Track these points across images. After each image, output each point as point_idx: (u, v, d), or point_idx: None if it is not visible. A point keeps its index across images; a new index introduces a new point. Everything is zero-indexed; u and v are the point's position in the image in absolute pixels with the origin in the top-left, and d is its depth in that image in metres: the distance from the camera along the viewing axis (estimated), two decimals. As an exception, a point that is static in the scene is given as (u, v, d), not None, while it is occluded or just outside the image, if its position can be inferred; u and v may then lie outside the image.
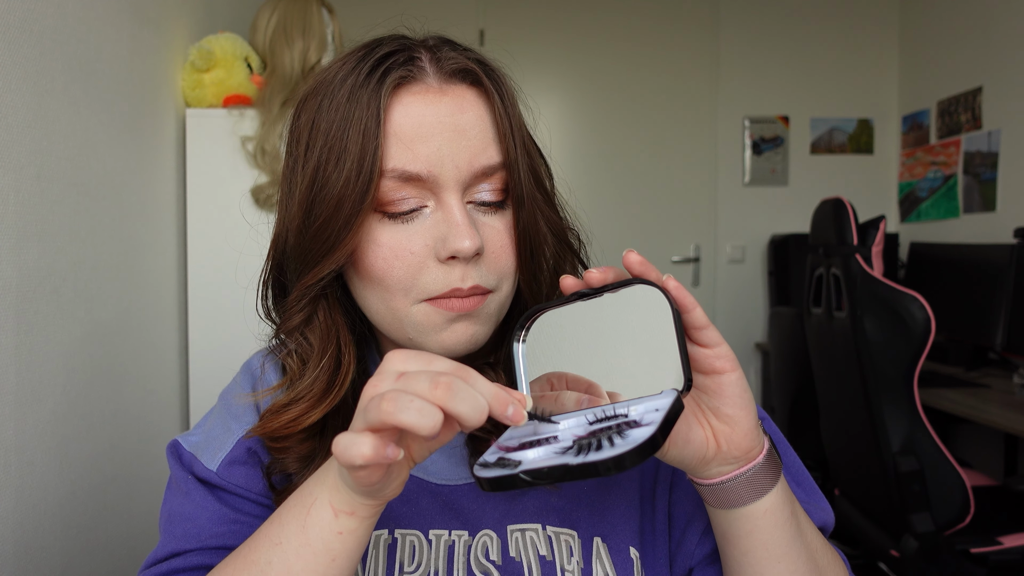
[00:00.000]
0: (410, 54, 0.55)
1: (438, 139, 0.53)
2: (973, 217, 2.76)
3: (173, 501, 0.61)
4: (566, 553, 0.59)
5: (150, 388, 1.35)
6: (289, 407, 0.56)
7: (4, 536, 0.88)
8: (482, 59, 0.57)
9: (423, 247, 0.54)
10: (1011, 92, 2.57)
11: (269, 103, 1.48)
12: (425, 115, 0.53)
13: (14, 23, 0.90)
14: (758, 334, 3.37)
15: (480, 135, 0.54)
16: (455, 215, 0.53)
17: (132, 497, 1.26)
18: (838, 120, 3.38)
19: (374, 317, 0.58)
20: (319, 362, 0.57)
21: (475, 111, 0.55)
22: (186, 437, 0.64)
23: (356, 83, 0.53)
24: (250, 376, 0.66)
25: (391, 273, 0.54)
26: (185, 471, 0.61)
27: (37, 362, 0.95)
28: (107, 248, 1.17)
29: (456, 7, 3.27)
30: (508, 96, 0.56)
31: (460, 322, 0.55)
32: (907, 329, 1.64)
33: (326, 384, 0.57)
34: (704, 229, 3.38)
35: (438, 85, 0.54)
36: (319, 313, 0.58)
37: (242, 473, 0.60)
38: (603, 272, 0.48)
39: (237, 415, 0.63)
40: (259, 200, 1.48)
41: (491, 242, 0.56)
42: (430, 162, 0.53)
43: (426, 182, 0.53)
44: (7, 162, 0.88)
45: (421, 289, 0.54)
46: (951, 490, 1.65)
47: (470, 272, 0.54)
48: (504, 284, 0.57)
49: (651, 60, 3.34)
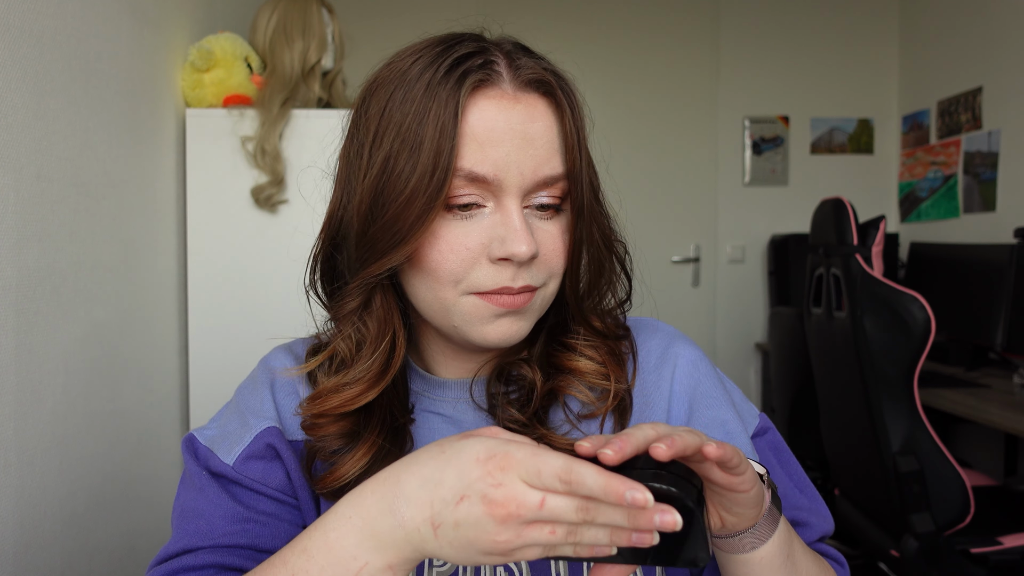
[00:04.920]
0: (488, 57, 0.56)
1: (507, 145, 0.54)
2: (973, 217, 2.76)
3: (186, 496, 0.61)
4: None
5: (150, 388, 1.35)
6: (347, 387, 0.58)
7: (4, 536, 0.88)
8: (555, 70, 0.59)
9: (479, 244, 0.55)
10: (1011, 92, 2.57)
11: (269, 103, 1.48)
12: (498, 120, 0.54)
13: (14, 23, 0.90)
14: (758, 334, 3.37)
15: (546, 145, 0.56)
16: (514, 220, 0.55)
17: (132, 496, 1.26)
18: (838, 120, 3.38)
19: (419, 304, 0.59)
20: (377, 346, 0.59)
21: (544, 121, 0.56)
22: (201, 431, 0.65)
23: (434, 79, 0.54)
24: (268, 372, 0.67)
25: (444, 266, 0.55)
26: (199, 466, 0.62)
27: (37, 362, 0.95)
28: (107, 248, 1.17)
29: (456, 7, 3.27)
30: (577, 109, 0.58)
31: (507, 317, 0.57)
32: (907, 329, 1.64)
33: (381, 367, 0.58)
34: (704, 229, 3.38)
35: (512, 92, 0.55)
36: (375, 299, 0.59)
37: (259, 468, 0.61)
38: (618, 448, 0.42)
39: (255, 410, 0.64)
40: (259, 200, 1.48)
41: (544, 245, 0.57)
42: (497, 166, 0.54)
43: (490, 184, 0.55)
44: (7, 162, 0.88)
45: (471, 283, 0.56)
46: (951, 490, 1.65)
47: (522, 273, 0.56)
48: (551, 282, 0.59)
49: (651, 60, 3.34)
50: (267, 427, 0.62)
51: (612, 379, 0.62)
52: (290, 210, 1.51)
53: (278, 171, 1.46)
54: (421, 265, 0.56)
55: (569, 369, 0.63)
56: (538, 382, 0.62)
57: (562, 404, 0.62)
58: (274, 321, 1.51)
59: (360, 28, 3.19)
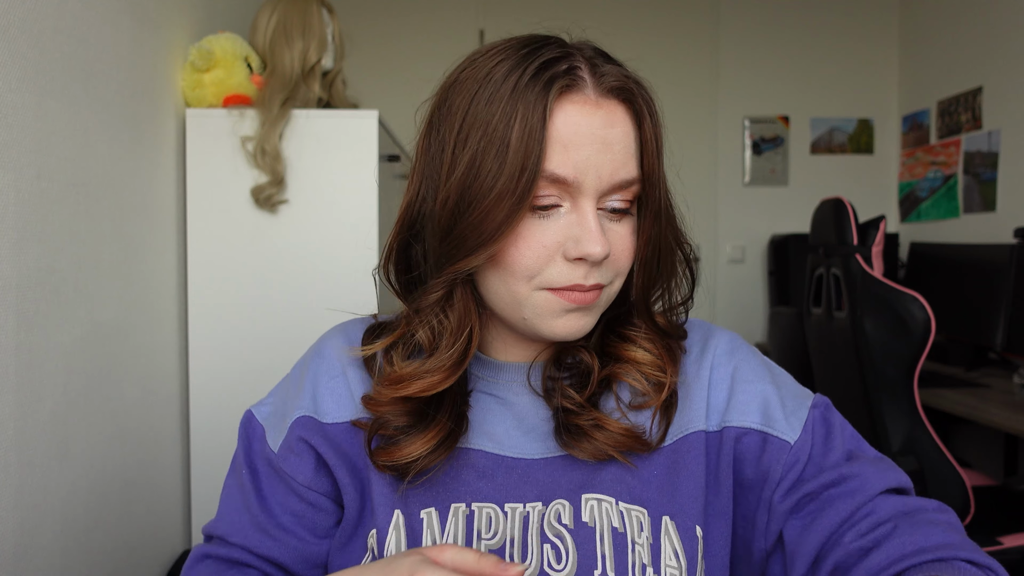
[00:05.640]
0: (572, 63, 0.58)
1: (588, 149, 0.56)
2: (973, 217, 2.76)
3: (233, 482, 0.69)
4: (636, 527, 0.62)
5: (150, 388, 1.35)
6: (429, 374, 0.61)
7: (4, 536, 0.88)
8: (636, 78, 0.61)
9: (554, 243, 0.58)
10: (1011, 92, 2.57)
11: (269, 103, 1.48)
12: (580, 124, 0.56)
13: (14, 23, 0.90)
14: (758, 334, 3.37)
15: (623, 150, 0.58)
16: (590, 221, 0.57)
17: (132, 497, 1.26)
18: (838, 120, 3.38)
19: (491, 297, 0.62)
20: (458, 337, 0.61)
21: (623, 127, 0.58)
22: (259, 408, 0.71)
23: (520, 81, 0.56)
24: (318, 355, 0.70)
25: (521, 262, 0.58)
26: (249, 457, 0.68)
27: (37, 362, 0.95)
28: (107, 248, 1.17)
29: (456, 7, 3.27)
30: (656, 116, 0.61)
31: (575, 312, 0.60)
32: (907, 329, 1.64)
33: (460, 357, 0.61)
34: (704, 229, 3.38)
35: (595, 98, 0.57)
36: (456, 292, 0.61)
37: (293, 463, 0.65)
38: None
39: (293, 396, 0.68)
40: (259, 200, 1.48)
41: (615, 246, 0.60)
42: (577, 169, 0.56)
43: (569, 186, 0.57)
44: (7, 162, 0.89)
45: (544, 279, 0.58)
46: (951, 490, 1.65)
47: (593, 272, 0.59)
48: (617, 281, 0.62)
49: (651, 60, 3.34)
50: (298, 417, 0.66)
51: (668, 372, 0.65)
52: (290, 210, 1.51)
53: (278, 171, 1.46)
54: (499, 261, 0.59)
55: (627, 359, 0.65)
56: (595, 367, 0.65)
57: (614, 393, 0.65)
58: (274, 321, 1.51)
59: (360, 28, 3.19)
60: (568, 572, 0.60)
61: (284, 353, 1.49)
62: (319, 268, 1.51)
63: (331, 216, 1.50)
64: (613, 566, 0.60)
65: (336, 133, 1.51)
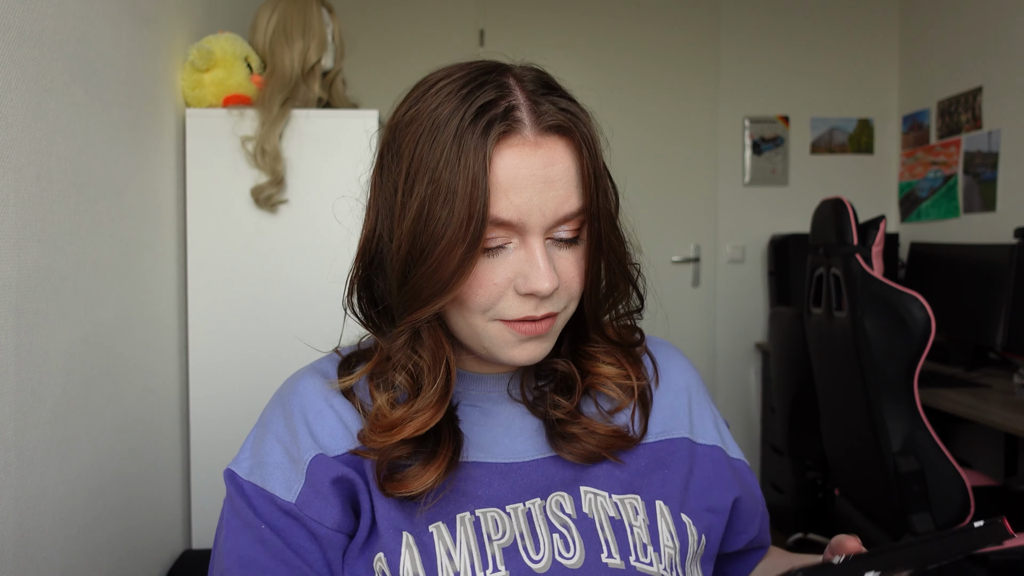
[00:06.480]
0: (510, 102, 0.58)
1: (529, 191, 0.58)
2: (973, 217, 2.76)
3: (242, 541, 0.63)
4: (631, 512, 0.66)
5: (150, 388, 1.35)
6: (419, 414, 0.62)
7: (4, 536, 0.88)
8: (573, 111, 0.62)
9: (505, 279, 0.60)
10: (1011, 92, 2.57)
11: (269, 103, 1.48)
12: (520, 168, 0.58)
13: (14, 23, 0.90)
14: (758, 334, 3.37)
15: (566, 184, 0.60)
16: (537, 258, 0.59)
17: (132, 497, 1.26)
18: (838, 120, 3.38)
19: (454, 328, 0.65)
20: (436, 372, 0.63)
21: (563, 163, 0.60)
22: (238, 464, 0.66)
23: (462, 127, 0.57)
24: (296, 397, 0.68)
25: (474, 299, 0.60)
26: (261, 519, 0.63)
27: (37, 362, 0.95)
28: (107, 248, 1.17)
29: (456, 7, 3.27)
30: (594, 146, 0.62)
31: (531, 342, 0.63)
32: (907, 329, 1.64)
33: (443, 390, 0.63)
34: (704, 229, 3.38)
35: (534, 138, 0.59)
36: (423, 330, 0.63)
37: (317, 507, 0.62)
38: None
39: (296, 441, 0.65)
40: (259, 200, 1.48)
41: (564, 274, 0.62)
42: (520, 211, 0.58)
43: (515, 227, 0.59)
44: (7, 162, 0.89)
45: (497, 311, 0.61)
46: (951, 490, 1.65)
47: (544, 304, 0.61)
48: (571, 304, 0.65)
49: (651, 60, 3.34)
50: (314, 457, 0.64)
51: (633, 378, 0.71)
52: (290, 210, 1.51)
53: (278, 171, 1.46)
54: (455, 298, 0.61)
55: (595, 373, 0.71)
56: (577, 377, 0.69)
57: (593, 399, 0.71)
58: (274, 321, 1.51)
59: (360, 28, 3.19)
60: (578, 560, 0.63)
61: (284, 353, 1.49)
62: (319, 268, 1.51)
63: (331, 216, 1.50)
64: (617, 549, 0.64)
65: (336, 133, 1.51)
